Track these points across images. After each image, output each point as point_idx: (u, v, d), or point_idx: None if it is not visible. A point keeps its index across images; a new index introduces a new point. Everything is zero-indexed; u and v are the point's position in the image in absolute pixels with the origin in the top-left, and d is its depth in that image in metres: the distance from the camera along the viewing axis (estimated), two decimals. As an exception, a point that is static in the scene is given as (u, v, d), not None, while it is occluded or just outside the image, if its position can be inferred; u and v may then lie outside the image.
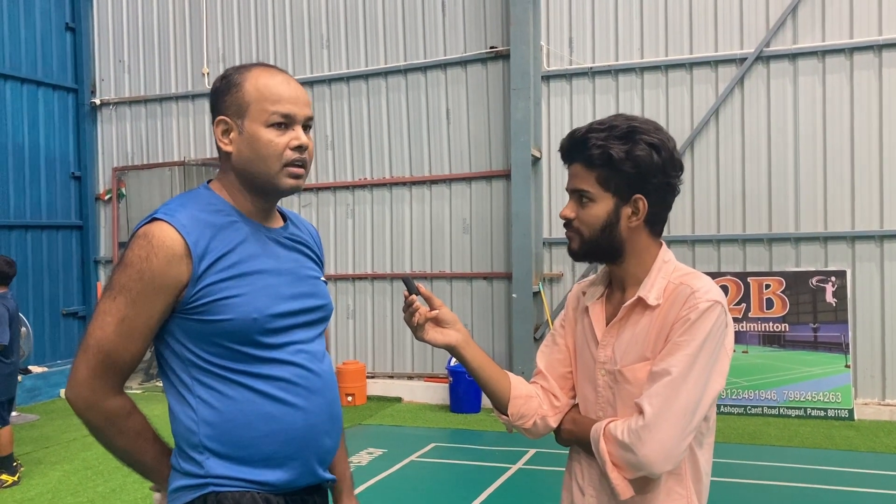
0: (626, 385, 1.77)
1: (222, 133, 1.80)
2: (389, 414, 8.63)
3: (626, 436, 1.68)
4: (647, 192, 1.76)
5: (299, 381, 1.77)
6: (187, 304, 1.69)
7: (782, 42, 8.21)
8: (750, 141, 8.34)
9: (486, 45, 9.14)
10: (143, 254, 1.67)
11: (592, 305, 1.90)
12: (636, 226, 1.79)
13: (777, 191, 8.25)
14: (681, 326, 1.69)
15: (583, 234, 1.81)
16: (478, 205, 9.29)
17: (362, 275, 9.83)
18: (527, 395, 1.91)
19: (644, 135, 1.75)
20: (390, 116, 9.70)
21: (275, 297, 1.76)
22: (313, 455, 1.80)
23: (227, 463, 1.72)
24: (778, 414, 7.87)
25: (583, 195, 1.79)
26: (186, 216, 1.72)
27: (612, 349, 1.81)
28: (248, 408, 1.72)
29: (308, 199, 10.11)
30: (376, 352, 9.76)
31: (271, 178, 1.77)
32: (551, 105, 9.02)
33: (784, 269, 8.15)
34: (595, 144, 1.75)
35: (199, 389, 1.72)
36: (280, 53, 10.18)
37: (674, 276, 1.79)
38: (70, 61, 11.22)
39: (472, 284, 9.30)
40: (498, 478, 6.08)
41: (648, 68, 8.62)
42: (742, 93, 8.35)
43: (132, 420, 1.75)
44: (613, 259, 1.84)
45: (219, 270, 1.70)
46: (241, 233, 1.78)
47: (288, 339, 1.78)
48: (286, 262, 1.85)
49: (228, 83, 1.81)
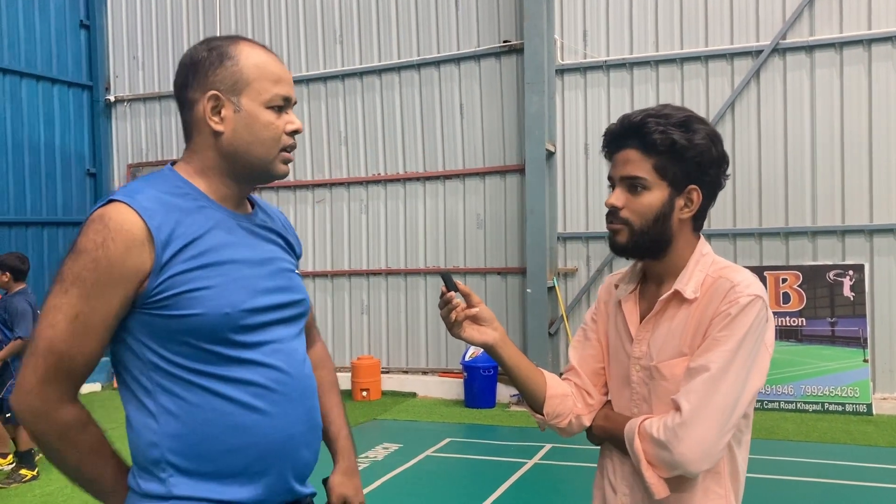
0: (662, 381, 1.71)
1: (212, 110, 1.60)
2: (404, 409, 8.63)
3: (661, 433, 1.63)
4: (702, 183, 1.71)
5: (275, 385, 1.58)
6: (149, 296, 1.49)
7: (799, 34, 8.14)
8: (766, 134, 8.27)
9: (500, 40, 9.11)
10: (99, 239, 1.46)
11: (625, 300, 1.84)
12: (686, 219, 1.74)
13: (794, 184, 8.18)
14: (720, 321, 1.64)
15: (633, 224, 1.72)
16: (492, 200, 9.27)
17: (376, 270, 9.83)
18: (562, 394, 1.87)
19: (702, 124, 1.71)
20: (404, 112, 9.69)
21: (250, 290, 1.58)
22: (289, 469, 1.62)
23: (193, 480, 1.53)
24: (795, 409, 7.82)
25: (636, 183, 1.71)
26: (149, 198, 1.52)
27: (648, 344, 1.76)
28: (217, 417, 1.53)
29: (322, 194, 10.12)
30: (391, 347, 9.77)
31: (267, 163, 1.64)
32: (565, 99, 8.98)
33: (801, 262, 8.08)
34: (656, 130, 1.68)
35: (161, 397, 1.52)
36: (293, 49, 10.19)
37: (712, 269, 1.74)
38: (85, 58, 11.26)
39: (486, 279, 9.28)
40: (514, 473, 6.07)
41: (663, 61, 8.57)
42: (758, 86, 8.28)
43: (87, 433, 1.54)
44: (658, 254, 1.76)
45: (186, 259, 1.51)
46: (210, 219, 1.59)
47: (264, 337, 1.60)
48: (263, 252, 1.68)
49: (220, 55, 1.61)
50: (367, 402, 8.96)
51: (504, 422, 7.93)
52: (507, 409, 8.47)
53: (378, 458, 6.56)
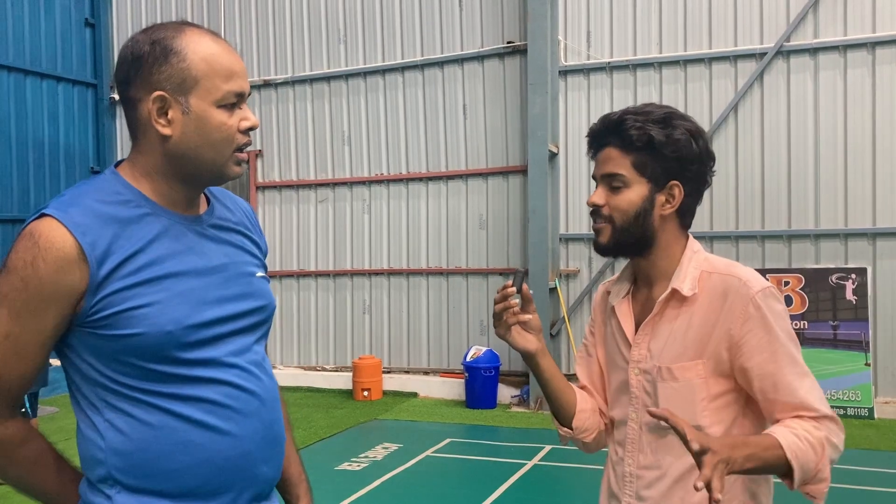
0: (672, 383, 1.70)
1: (158, 112, 1.46)
2: (405, 409, 8.63)
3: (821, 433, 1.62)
4: (683, 179, 1.72)
5: (229, 401, 1.49)
6: (87, 316, 1.41)
7: (803, 36, 8.12)
8: (769, 137, 8.26)
9: (504, 40, 9.11)
10: (29, 258, 1.38)
11: (619, 304, 1.84)
12: (669, 214, 1.73)
13: (797, 187, 8.17)
14: (762, 325, 1.64)
15: (614, 221, 1.73)
16: (494, 200, 9.27)
17: (378, 270, 9.84)
18: (592, 410, 1.89)
19: (682, 120, 1.72)
20: (407, 112, 9.69)
21: (197, 302, 1.48)
22: (247, 487, 1.54)
23: (141, 498, 1.46)
24: (796, 412, 7.79)
25: (616, 179, 1.72)
26: (81, 211, 1.42)
27: (647, 347, 1.75)
28: (167, 435, 1.45)
29: (324, 194, 10.13)
30: (392, 347, 9.77)
31: (219, 167, 1.50)
32: (568, 100, 8.97)
33: (803, 265, 8.07)
34: (633, 126, 1.69)
35: (108, 413, 1.45)
36: (297, 48, 10.20)
37: (706, 265, 1.74)
38: (89, 56, 11.29)
39: (488, 280, 9.28)
40: (513, 473, 6.07)
41: (667, 63, 8.56)
42: (762, 88, 8.27)
43: (26, 448, 1.48)
44: (642, 251, 1.76)
45: (124, 276, 1.41)
46: (154, 227, 1.48)
47: (215, 352, 1.49)
48: (214, 257, 1.55)
49: (164, 50, 1.46)
50: (369, 402, 8.97)
51: (505, 423, 7.92)
52: (507, 410, 8.47)
53: (378, 458, 6.57)
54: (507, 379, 8.88)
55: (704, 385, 1.68)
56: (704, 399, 1.68)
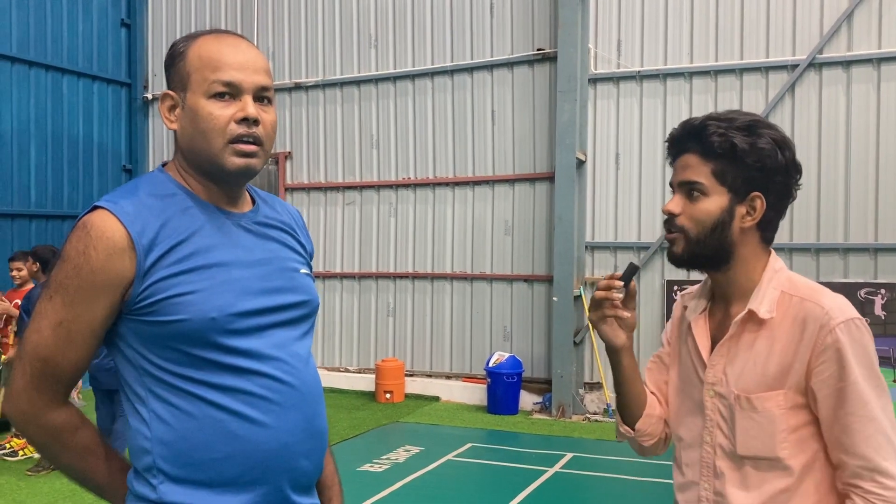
0: (753, 413, 1.63)
1: (168, 109, 1.58)
2: (427, 412, 8.67)
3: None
4: (766, 190, 1.63)
5: (269, 394, 1.53)
6: (135, 303, 1.47)
7: (836, 49, 8.06)
8: (800, 149, 8.01)
9: (534, 47, 9.13)
10: (81, 247, 1.45)
11: (695, 321, 1.76)
12: (749, 228, 1.65)
13: (826, 200, 8.10)
14: (835, 360, 1.55)
15: (689, 233, 1.65)
16: (520, 207, 9.28)
17: (403, 273, 9.88)
18: (659, 416, 1.87)
19: (768, 129, 1.64)
20: (435, 117, 9.74)
21: (240, 292, 1.53)
22: (285, 479, 1.56)
23: (184, 488, 1.50)
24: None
25: (694, 188, 1.64)
26: (131, 203, 1.50)
27: (724, 371, 1.68)
28: (208, 425, 1.49)
29: (352, 196, 10.20)
30: (415, 350, 9.81)
31: (214, 157, 1.53)
32: (597, 108, 8.97)
33: (831, 280, 7.99)
34: (716, 133, 1.61)
35: (153, 403, 1.51)
36: (328, 52, 10.30)
37: (788, 286, 1.65)
38: (124, 56, 11.48)
39: (513, 286, 9.29)
40: (534, 480, 6.07)
41: (697, 73, 8.53)
42: (793, 100, 8.22)
43: (79, 436, 1.54)
44: (719, 266, 1.68)
45: (170, 264, 1.48)
46: (198, 219, 1.55)
47: (257, 343, 1.54)
48: (257, 251, 1.61)
49: (173, 54, 1.59)
50: (391, 405, 9.01)
51: (526, 429, 7.93)
52: (529, 417, 8.47)
53: (399, 461, 6.60)
54: (530, 385, 8.88)
55: (785, 416, 1.61)
56: (784, 430, 1.61)
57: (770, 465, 1.62)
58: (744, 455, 1.65)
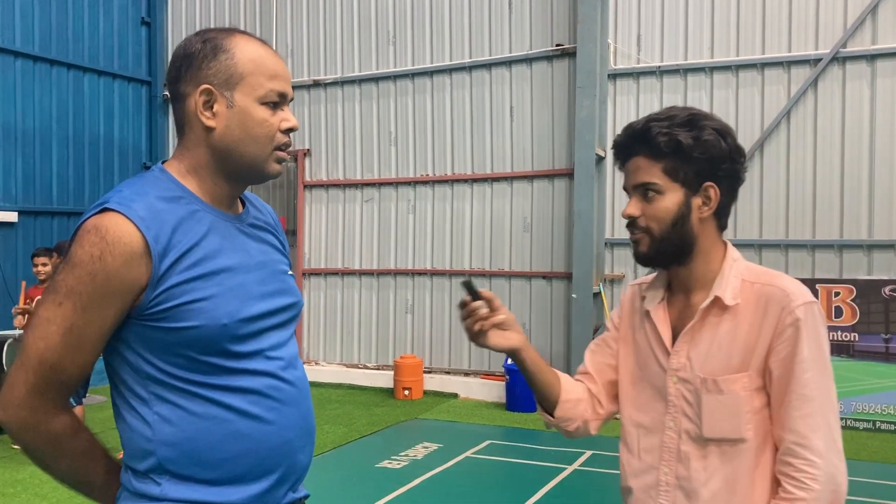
0: (718, 395, 1.67)
1: (204, 105, 1.54)
2: (445, 409, 8.66)
3: (813, 488, 1.60)
4: (717, 179, 1.69)
5: (272, 392, 1.55)
6: (146, 309, 1.45)
7: (860, 42, 7.95)
8: (822, 144, 8.10)
9: (553, 43, 9.08)
10: (96, 252, 1.41)
11: (655, 310, 1.80)
12: (707, 217, 1.71)
13: (850, 196, 7.99)
14: (791, 338, 1.62)
15: (652, 231, 1.71)
16: (539, 203, 9.24)
17: (422, 270, 9.88)
18: (576, 399, 1.88)
19: (707, 120, 1.69)
20: (454, 113, 9.72)
21: (246, 297, 1.54)
22: (287, 474, 1.60)
23: (188, 485, 1.50)
24: (845, 426, 7.63)
25: (648, 188, 1.71)
26: (144, 206, 1.46)
27: (688, 355, 1.72)
28: (215, 425, 1.50)
29: (370, 193, 10.21)
30: (434, 347, 9.80)
31: (260, 163, 1.56)
32: (617, 104, 8.91)
33: (855, 276, 7.89)
34: (660, 133, 1.67)
35: (157, 405, 1.49)
36: (346, 49, 10.30)
37: (748, 274, 1.71)
38: (145, 55, 11.57)
39: (532, 283, 9.26)
40: (553, 478, 6.05)
41: (718, 68, 8.45)
42: (815, 95, 8.11)
43: (77, 440, 1.53)
44: (683, 259, 1.73)
45: (182, 270, 1.47)
46: (204, 224, 1.53)
47: (260, 345, 1.56)
48: (256, 255, 1.62)
49: (215, 48, 1.54)
50: (409, 401, 9.01)
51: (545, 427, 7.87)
52: (548, 414, 8.43)
53: (418, 457, 6.60)
54: (548, 383, 8.83)
55: (749, 398, 1.66)
56: (749, 412, 1.66)
57: (733, 446, 1.67)
58: (709, 437, 1.69)
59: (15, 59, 9.69)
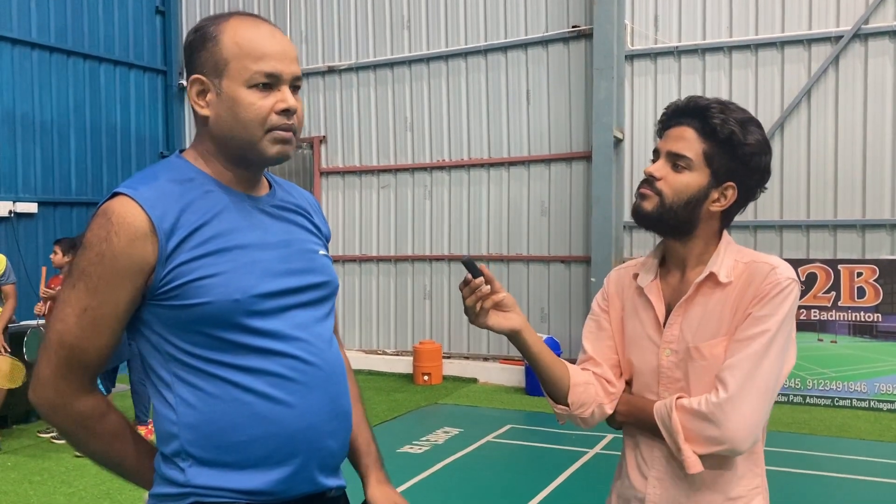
0: (701, 361, 1.72)
1: (197, 94, 1.57)
2: (465, 394, 8.67)
3: (705, 406, 1.65)
4: (741, 184, 1.74)
5: (294, 375, 1.53)
6: (158, 288, 1.48)
7: (882, 18, 7.82)
8: (844, 123, 7.99)
9: (569, 24, 9.00)
10: (103, 234, 1.46)
11: (649, 286, 1.83)
12: (716, 212, 1.76)
13: (872, 176, 7.89)
14: (761, 301, 1.67)
15: (665, 197, 1.73)
16: (557, 187, 9.20)
17: (439, 256, 9.87)
18: (585, 382, 1.84)
19: (759, 129, 1.74)
20: (469, 97, 9.67)
21: (262, 273, 1.53)
22: (312, 460, 1.57)
23: (212, 470, 1.51)
24: (868, 407, 7.58)
25: (681, 160, 1.73)
26: (151, 189, 1.50)
27: (680, 328, 1.76)
28: (235, 408, 1.50)
29: (387, 180, 10.20)
30: (452, 332, 9.81)
31: (254, 146, 1.54)
32: (635, 85, 8.83)
33: (878, 256, 7.81)
34: (719, 117, 1.71)
35: (179, 388, 1.51)
36: (361, 35, 10.26)
37: (740, 256, 1.77)
38: (160, 44, 11.57)
39: (550, 268, 9.23)
40: (575, 461, 6.05)
41: (737, 47, 8.35)
42: (836, 73, 8.00)
43: (106, 421, 1.56)
44: (679, 235, 1.78)
45: (191, 248, 1.48)
46: (218, 203, 1.55)
47: (280, 324, 1.54)
48: (276, 233, 1.61)
49: (203, 36, 1.56)
50: (429, 387, 9.03)
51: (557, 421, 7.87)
52: (568, 398, 8.42)
53: (439, 442, 6.62)
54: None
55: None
56: None
57: None
58: None
59: (32, 51, 9.72)
